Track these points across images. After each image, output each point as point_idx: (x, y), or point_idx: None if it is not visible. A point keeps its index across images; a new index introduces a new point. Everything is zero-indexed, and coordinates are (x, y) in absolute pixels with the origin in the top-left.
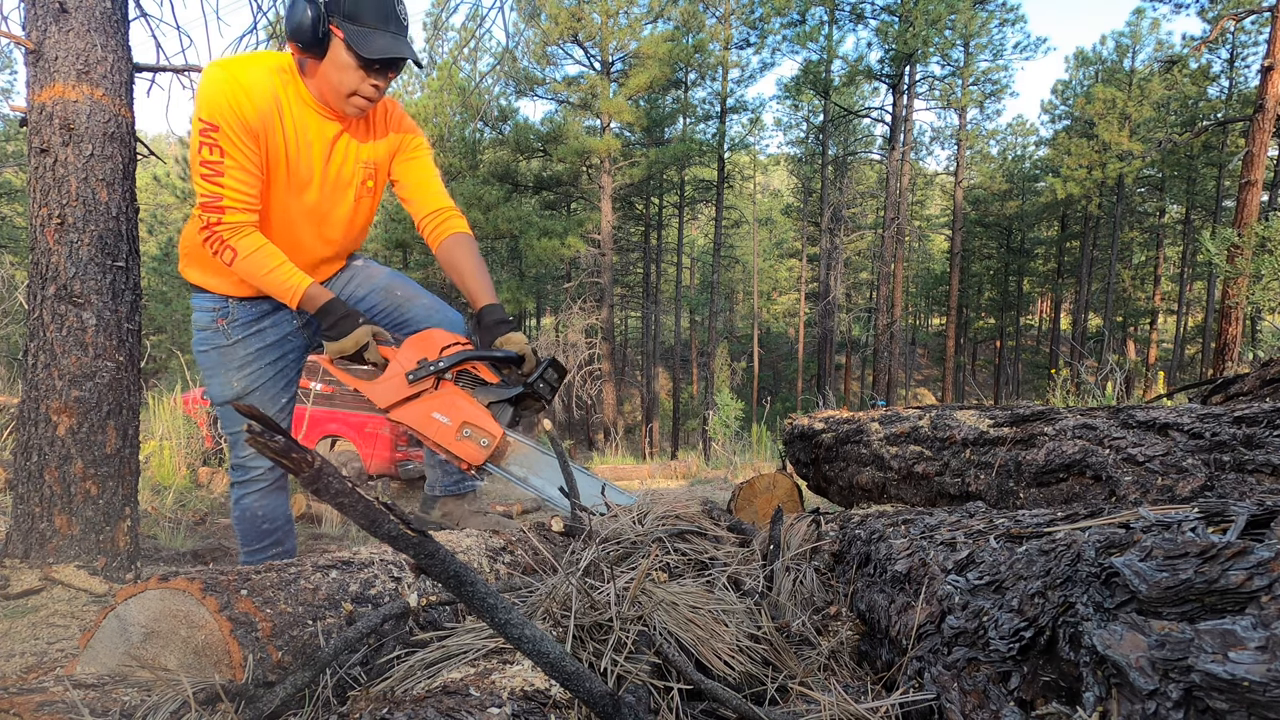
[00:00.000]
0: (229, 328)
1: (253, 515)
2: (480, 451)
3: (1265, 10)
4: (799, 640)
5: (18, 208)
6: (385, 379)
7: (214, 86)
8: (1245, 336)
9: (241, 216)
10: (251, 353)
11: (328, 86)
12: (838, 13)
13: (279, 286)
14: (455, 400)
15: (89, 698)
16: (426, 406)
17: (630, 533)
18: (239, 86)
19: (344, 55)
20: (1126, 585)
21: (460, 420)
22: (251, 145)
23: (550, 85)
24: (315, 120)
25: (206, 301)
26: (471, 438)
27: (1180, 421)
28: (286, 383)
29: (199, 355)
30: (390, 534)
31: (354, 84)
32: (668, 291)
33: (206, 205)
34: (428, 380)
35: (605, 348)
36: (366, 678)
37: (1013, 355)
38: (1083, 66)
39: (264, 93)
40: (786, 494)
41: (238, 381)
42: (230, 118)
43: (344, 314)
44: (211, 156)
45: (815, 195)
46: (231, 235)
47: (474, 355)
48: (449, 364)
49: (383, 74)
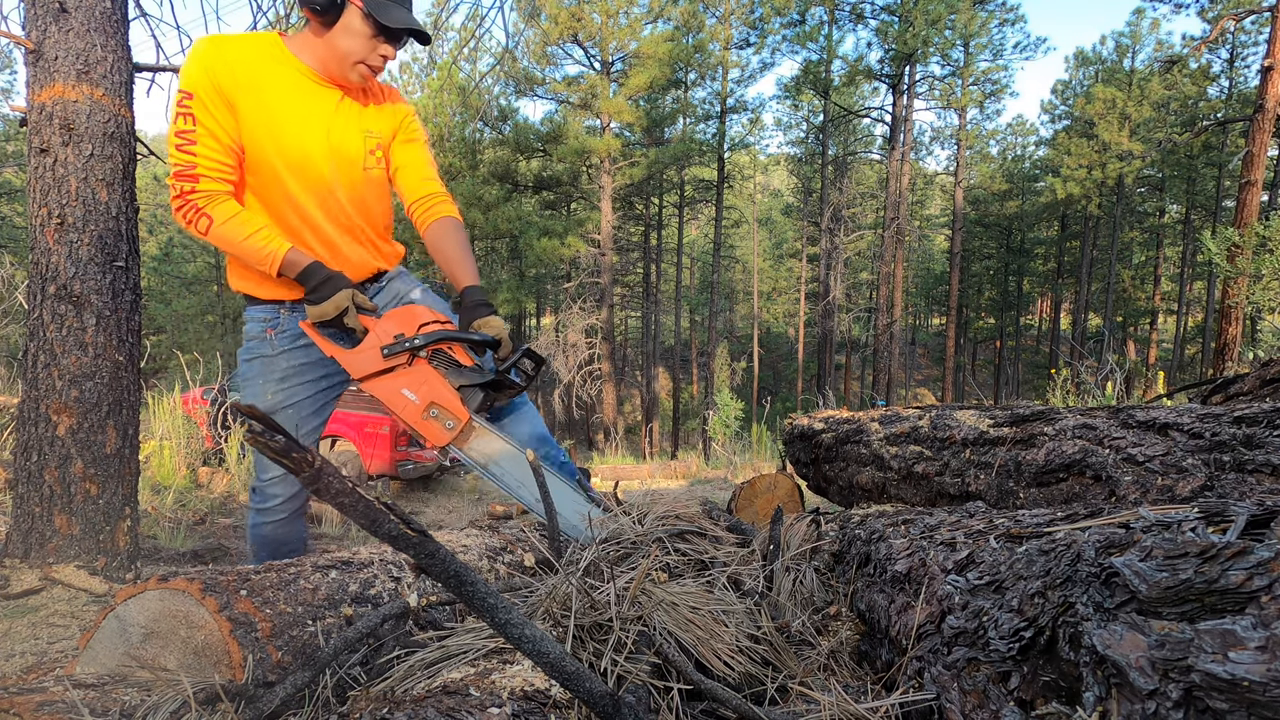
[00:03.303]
0: (276, 338)
1: (265, 539)
2: (445, 433)
3: (1265, 10)
4: (799, 640)
5: (18, 208)
6: (361, 349)
7: (193, 56)
8: (1245, 336)
9: (215, 185)
10: (294, 366)
11: (332, 54)
12: (838, 13)
13: (258, 252)
14: (426, 379)
15: (89, 698)
16: (398, 382)
17: (630, 533)
18: (216, 54)
19: (358, 23)
20: (1126, 585)
21: (428, 400)
22: (225, 114)
23: (550, 85)
24: (311, 88)
25: (258, 312)
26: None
27: (1180, 421)
28: (321, 406)
29: (242, 364)
30: (391, 533)
31: (364, 52)
32: (668, 291)
33: (180, 174)
34: (402, 355)
35: (605, 348)
36: (366, 678)
37: (1013, 355)
38: (1083, 66)
39: (243, 60)
40: (787, 494)
41: (273, 394)
42: (205, 85)
43: (326, 277)
44: (185, 126)
45: (815, 195)
46: (207, 203)
47: (450, 336)
48: (424, 342)
49: (393, 44)
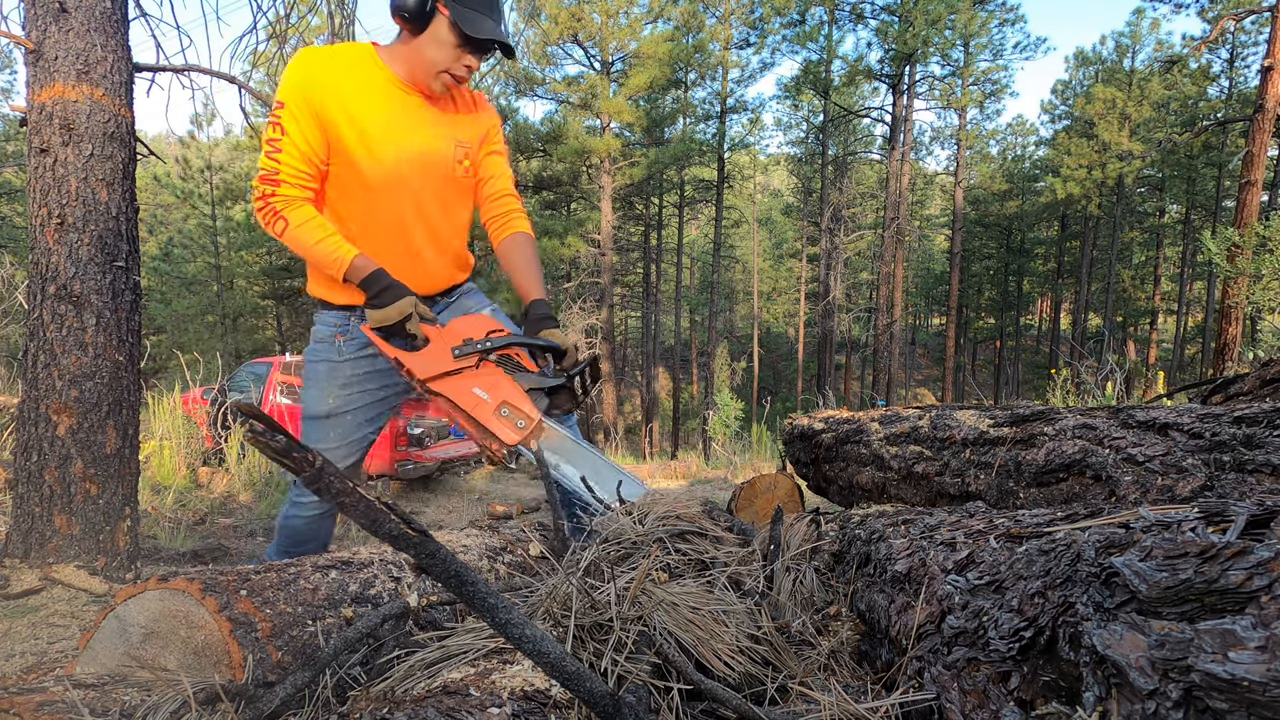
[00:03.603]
0: (344, 345)
1: (294, 531)
2: (516, 432)
3: (1265, 10)
4: (799, 640)
5: (18, 208)
6: (429, 351)
7: (289, 69)
8: (1245, 336)
9: (294, 191)
10: (359, 375)
11: (419, 62)
12: (838, 13)
13: (327, 256)
14: (497, 380)
15: (89, 698)
16: (468, 382)
17: (631, 533)
18: (309, 69)
19: (446, 32)
20: (1126, 585)
21: (500, 399)
22: (312, 127)
23: (550, 85)
24: (399, 96)
25: (330, 316)
26: (509, 417)
27: (1180, 421)
28: (377, 414)
29: (308, 365)
30: (391, 533)
31: (448, 62)
32: (668, 291)
33: (264, 178)
34: (471, 358)
35: (605, 348)
36: (366, 678)
37: (1013, 355)
38: (1083, 66)
39: (334, 73)
40: (787, 494)
41: (334, 398)
42: (296, 98)
43: (389, 284)
44: (274, 134)
45: (815, 195)
46: (285, 206)
47: (520, 341)
48: (495, 346)
49: (478, 55)
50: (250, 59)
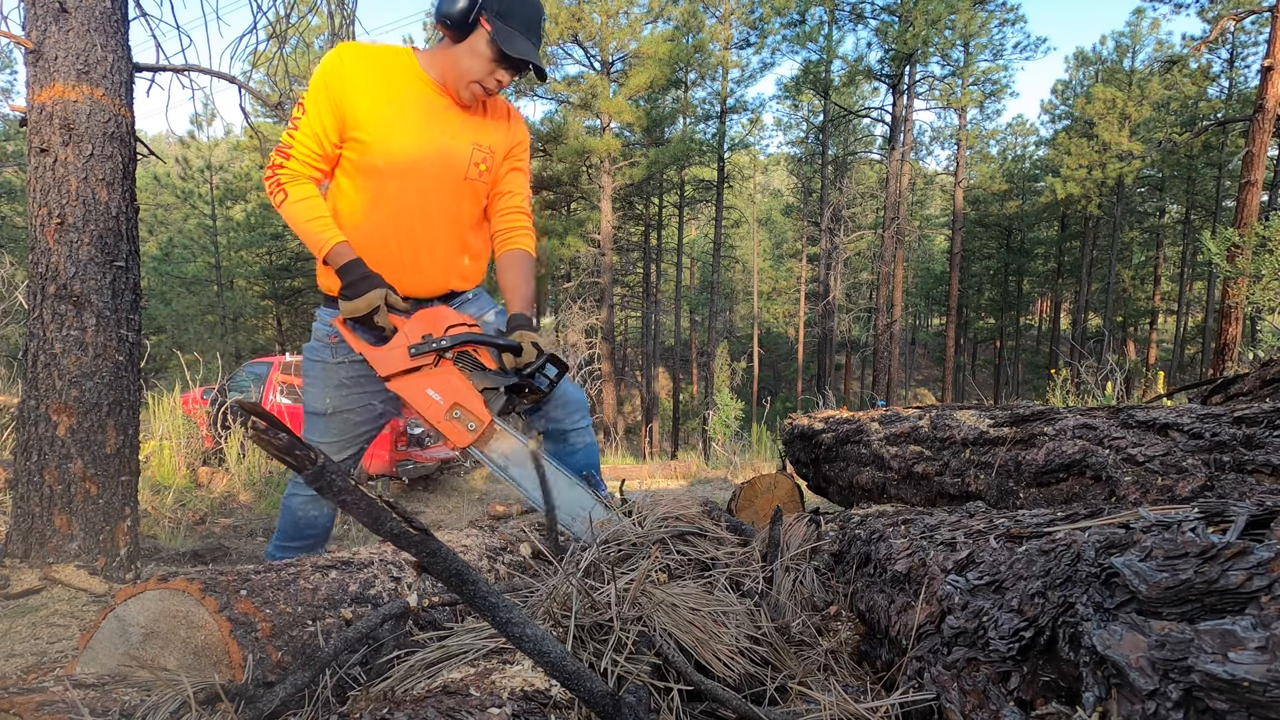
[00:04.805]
0: (338, 347)
1: (294, 514)
2: (467, 434)
3: (1265, 10)
4: (799, 640)
5: (18, 208)
6: (389, 348)
7: (323, 61)
8: (1245, 336)
9: (300, 169)
10: (352, 377)
11: (453, 68)
12: (838, 13)
13: (314, 237)
14: (451, 380)
15: (89, 698)
16: (423, 382)
17: (631, 534)
18: (339, 62)
19: (484, 46)
20: (1126, 585)
21: (452, 401)
22: (329, 115)
23: (550, 85)
24: (428, 95)
25: (329, 314)
26: (460, 419)
27: (1180, 421)
28: (378, 414)
29: (307, 362)
30: (393, 531)
31: (481, 74)
32: (668, 291)
33: (279, 150)
34: (429, 356)
35: (605, 348)
36: (366, 678)
37: (1013, 355)
38: (1083, 66)
39: (363, 68)
40: (787, 494)
41: (330, 399)
42: (320, 86)
43: (363, 274)
44: (297, 114)
45: (815, 195)
46: (289, 180)
47: (476, 338)
48: (451, 343)
49: (510, 73)
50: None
